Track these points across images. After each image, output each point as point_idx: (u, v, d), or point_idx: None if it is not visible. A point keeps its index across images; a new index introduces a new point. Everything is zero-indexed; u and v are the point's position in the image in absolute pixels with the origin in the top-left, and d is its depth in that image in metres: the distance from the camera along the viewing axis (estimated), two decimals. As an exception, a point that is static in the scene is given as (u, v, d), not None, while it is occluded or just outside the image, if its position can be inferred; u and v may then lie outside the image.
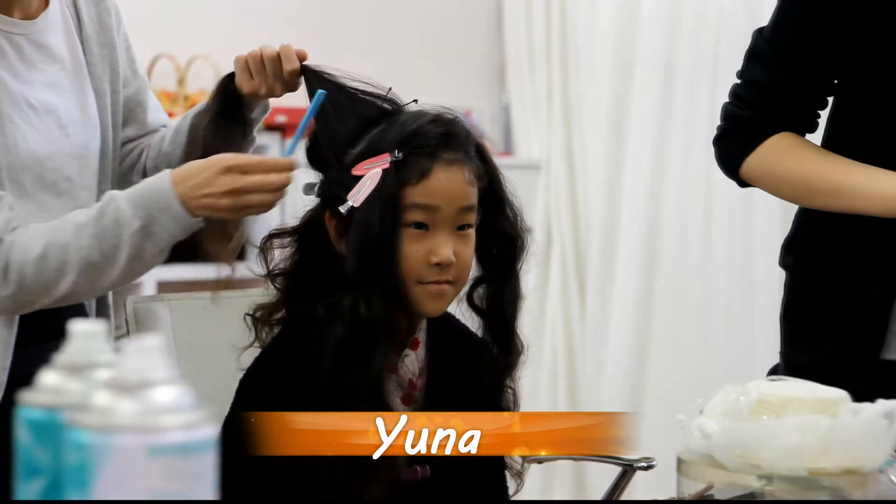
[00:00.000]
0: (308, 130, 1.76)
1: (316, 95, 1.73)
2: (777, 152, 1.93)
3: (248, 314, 1.75)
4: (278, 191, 1.72)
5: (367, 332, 1.64)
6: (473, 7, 4.46)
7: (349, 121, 1.74)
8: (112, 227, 1.72)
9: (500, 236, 1.77)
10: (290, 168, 1.72)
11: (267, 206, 1.74)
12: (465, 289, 1.77)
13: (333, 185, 1.71)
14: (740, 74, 1.98)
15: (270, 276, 1.75)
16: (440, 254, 1.67)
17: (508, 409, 1.81)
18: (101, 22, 1.98)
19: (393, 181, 1.65)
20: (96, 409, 0.87)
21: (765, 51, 1.94)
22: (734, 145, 1.97)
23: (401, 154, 1.66)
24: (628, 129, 4.06)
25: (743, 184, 2.00)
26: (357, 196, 1.66)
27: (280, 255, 1.77)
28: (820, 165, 1.90)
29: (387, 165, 1.66)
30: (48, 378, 0.94)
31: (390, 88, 1.77)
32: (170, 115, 2.21)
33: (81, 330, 0.94)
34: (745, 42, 1.99)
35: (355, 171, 1.68)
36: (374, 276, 1.65)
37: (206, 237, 1.79)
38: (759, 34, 1.96)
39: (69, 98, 1.92)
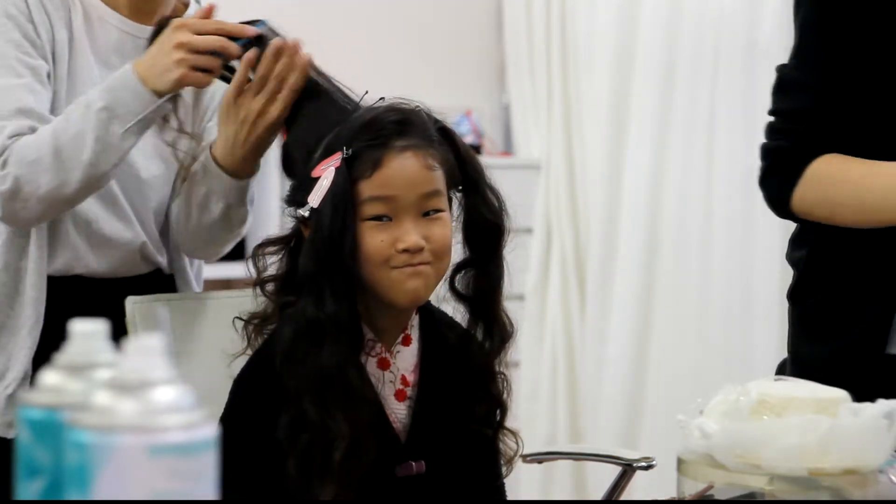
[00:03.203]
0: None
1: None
2: (823, 177, 1.86)
3: (239, 317, 1.76)
4: (230, 57, 1.87)
5: (315, 329, 1.65)
6: (473, 7, 4.46)
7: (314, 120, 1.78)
8: (80, 109, 1.88)
9: (478, 220, 1.77)
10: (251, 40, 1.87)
11: (214, 73, 1.88)
12: (448, 275, 1.77)
13: (297, 191, 1.73)
14: (772, 111, 1.93)
15: (261, 283, 1.76)
16: (406, 240, 1.66)
17: (500, 396, 1.81)
18: None
19: (344, 178, 1.66)
20: (97, 409, 0.87)
21: (794, 76, 1.89)
22: (779, 182, 1.91)
23: (350, 150, 1.67)
24: (628, 129, 4.06)
25: (800, 220, 1.94)
26: (314, 198, 1.67)
27: (271, 263, 1.79)
28: (868, 176, 1.83)
29: (339, 164, 1.67)
30: (48, 378, 0.94)
31: (367, 92, 1.79)
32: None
33: (82, 330, 0.94)
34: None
35: (314, 174, 1.69)
36: (325, 272, 1.66)
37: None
38: (783, 67, 1.94)
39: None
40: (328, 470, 1.64)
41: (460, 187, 1.77)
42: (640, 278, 4.02)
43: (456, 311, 1.83)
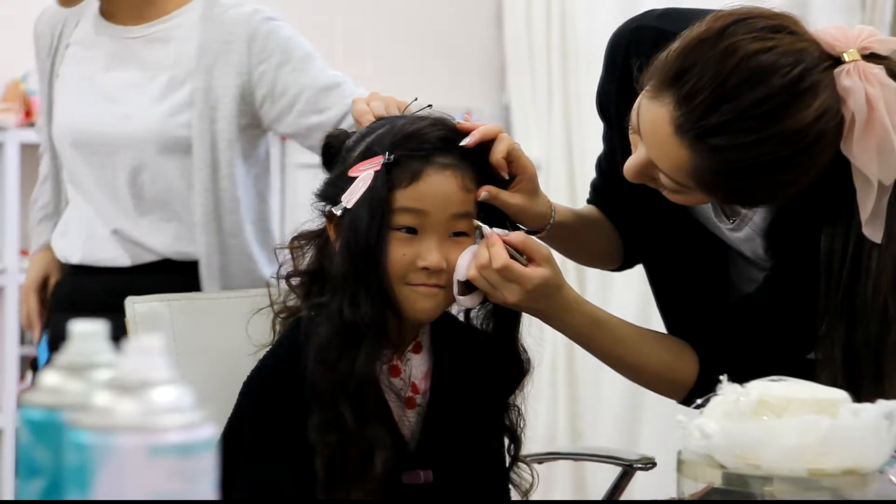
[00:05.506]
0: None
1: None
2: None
3: (277, 311, 1.75)
4: None
5: (352, 332, 1.63)
6: (473, 7, 4.46)
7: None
8: None
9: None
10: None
11: None
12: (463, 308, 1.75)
13: (331, 187, 1.71)
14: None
15: (288, 277, 1.74)
16: (427, 259, 1.64)
17: (514, 430, 1.80)
18: (229, 65, 2.32)
19: (382, 183, 1.63)
20: (97, 410, 0.87)
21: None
22: None
23: (392, 156, 1.64)
24: (628, 129, 4.06)
25: None
26: (349, 198, 1.65)
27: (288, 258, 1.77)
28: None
29: (379, 167, 1.64)
30: (49, 378, 0.94)
31: (415, 98, 1.76)
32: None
33: (81, 330, 0.94)
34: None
35: (351, 173, 1.67)
36: (360, 277, 1.63)
37: None
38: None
39: (144, 96, 2.26)
40: (362, 475, 1.62)
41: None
42: (640, 278, 4.01)
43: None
